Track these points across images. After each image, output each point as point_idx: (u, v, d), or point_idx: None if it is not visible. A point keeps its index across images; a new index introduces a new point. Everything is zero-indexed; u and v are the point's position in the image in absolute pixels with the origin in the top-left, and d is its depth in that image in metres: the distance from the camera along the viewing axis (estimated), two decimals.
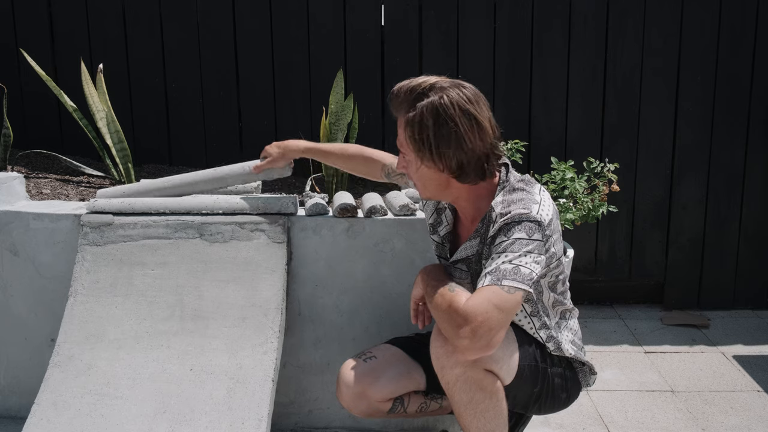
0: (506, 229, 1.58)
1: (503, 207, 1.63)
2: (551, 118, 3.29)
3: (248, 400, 1.91)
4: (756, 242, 3.39)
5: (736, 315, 3.39)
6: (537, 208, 1.61)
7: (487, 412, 1.66)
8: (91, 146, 3.00)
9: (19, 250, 2.23)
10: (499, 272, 1.53)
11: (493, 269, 1.55)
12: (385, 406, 1.88)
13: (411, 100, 1.59)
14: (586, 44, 3.24)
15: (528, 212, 1.58)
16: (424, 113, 1.56)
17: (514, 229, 1.57)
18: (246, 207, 2.18)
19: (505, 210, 1.62)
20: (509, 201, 1.64)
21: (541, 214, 1.60)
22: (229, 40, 3.26)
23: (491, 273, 1.54)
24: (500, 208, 1.63)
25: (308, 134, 3.27)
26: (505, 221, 1.59)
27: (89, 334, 2.04)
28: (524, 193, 1.65)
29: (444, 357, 1.62)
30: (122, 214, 2.18)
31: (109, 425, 1.87)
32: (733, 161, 3.33)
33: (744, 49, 3.24)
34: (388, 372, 1.87)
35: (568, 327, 1.85)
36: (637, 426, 2.42)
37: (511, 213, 1.59)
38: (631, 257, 3.42)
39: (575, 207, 2.56)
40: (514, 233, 1.57)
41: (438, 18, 3.22)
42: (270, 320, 2.04)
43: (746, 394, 2.64)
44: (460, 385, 1.63)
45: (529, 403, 1.81)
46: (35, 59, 2.93)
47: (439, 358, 1.63)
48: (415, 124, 1.58)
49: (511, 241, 1.56)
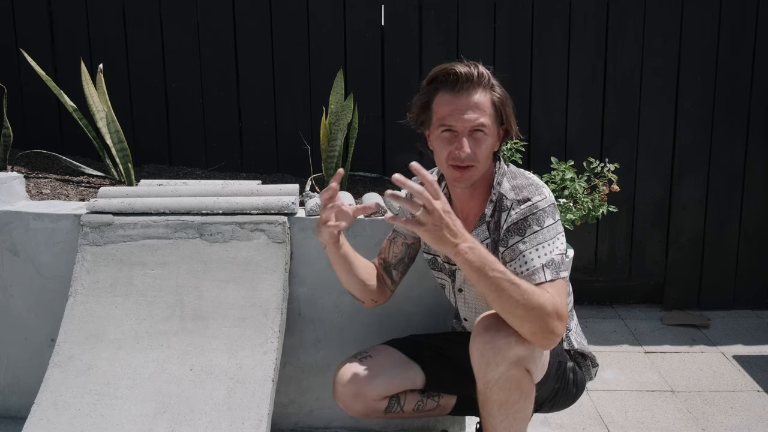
0: (534, 218, 1.66)
1: (516, 194, 1.70)
2: (551, 118, 3.29)
3: (248, 400, 1.91)
4: (756, 242, 3.39)
5: (736, 315, 3.39)
6: (546, 191, 1.71)
7: (518, 413, 1.65)
8: (91, 146, 3.00)
9: (19, 250, 2.23)
10: (554, 264, 1.62)
11: (548, 262, 1.62)
12: (381, 405, 1.88)
13: (487, 80, 1.70)
14: (586, 44, 3.24)
15: (545, 197, 1.68)
16: (502, 88, 1.73)
17: (543, 217, 1.66)
18: (246, 207, 2.18)
19: (521, 196, 1.69)
20: (519, 187, 1.71)
21: (551, 195, 1.71)
22: (229, 40, 3.25)
23: (549, 267, 1.62)
24: (513, 195, 1.70)
25: (308, 134, 3.27)
26: (530, 209, 1.67)
27: (89, 334, 2.04)
28: (525, 178, 1.74)
29: (491, 354, 1.58)
30: (122, 214, 2.18)
31: (109, 425, 1.87)
32: (733, 161, 3.33)
33: (744, 49, 3.24)
34: (384, 371, 1.87)
35: (572, 317, 1.88)
36: (637, 426, 2.42)
37: (533, 201, 1.67)
38: (631, 257, 3.42)
39: (575, 207, 2.56)
40: (545, 221, 1.66)
41: (438, 18, 3.22)
42: (270, 320, 2.04)
43: (746, 394, 2.64)
44: (502, 383, 1.60)
45: (546, 400, 1.82)
46: (35, 59, 2.93)
47: (484, 355, 1.59)
48: (502, 98, 1.72)
49: (547, 229, 1.65)
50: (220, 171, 3.28)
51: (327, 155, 2.65)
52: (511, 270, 1.61)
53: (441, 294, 2.20)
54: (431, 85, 1.71)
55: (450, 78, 1.67)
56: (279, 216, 2.16)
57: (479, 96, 1.67)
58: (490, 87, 1.69)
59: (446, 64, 1.71)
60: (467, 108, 1.66)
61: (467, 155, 1.66)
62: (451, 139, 1.68)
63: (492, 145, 1.71)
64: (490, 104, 1.68)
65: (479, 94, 1.67)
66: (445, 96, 1.68)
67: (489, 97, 1.69)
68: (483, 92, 1.68)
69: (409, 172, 1.49)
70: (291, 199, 2.19)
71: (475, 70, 1.67)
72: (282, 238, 2.14)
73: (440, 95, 1.69)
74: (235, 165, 3.33)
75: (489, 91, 1.69)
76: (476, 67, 1.68)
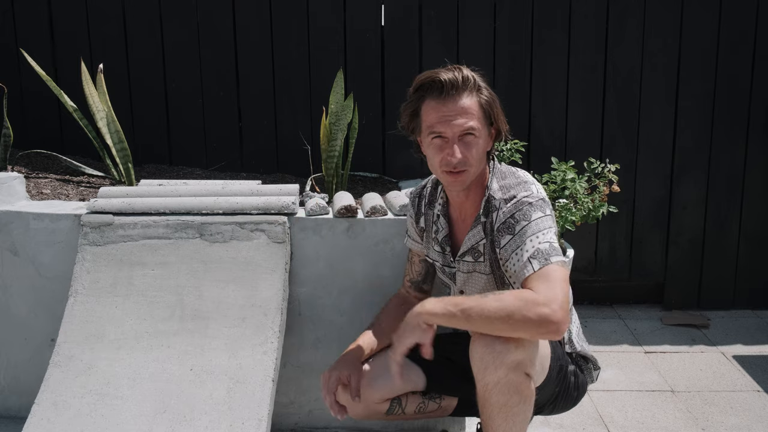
0: (521, 214, 1.66)
1: (503, 193, 1.71)
2: (551, 118, 3.29)
3: (248, 400, 1.91)
4: (756, 242, 3.39)
5: (736, 315, 3.39)
6: (534, 187, 1.71)
7: (517, 416, 1.64)
8: (91, 146, 3.00)
9: (19, 250, 2.23)
10: (541, 254, 1.60)
11: (534, 253, 1.60)
12: (382, 407, 1.88)
13: (473, 83, 1.69)
14: (586, 44, 3.24)
15: (531, 192, 1.69)
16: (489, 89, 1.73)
17: (530, 211, 1.66)
18: (246, 207, 2.18)
19: (507, 195, 1.70)
20: (506, 186, 1.72)
21: (541, 191, 1.72)
22: (229, 40, 3.25)
23: (535, 257, 1.60)
24: (500, 194, 1.71)
25: (308, 134, 3.27)
26: (516, 206, 1.67)
27: (89, 334, 2.04)
28: (514, 177, 1.75)
29: (490, 358, 1.58)
30: (122, 214, 2.18)
31: (109, 425, 1.87)
32: (733, 161, 3.33)
33: (744, 49, 3.24)
34: (385, 373, 1.86)
35: (573, 321, 1.88)
36: (637, 426, 2.42)
37: (518, 197, 1.67)
38: (631, 257, 3.42)
39: (575, 207, 2.56)
40: (531, 215, 1.65)
41: (438, 18, 3.22)
42: (270, 320, 2.04)
43: (746, 394, 2.64)
44: (501, 387, 1.60)
45: (546, 404, 1.82)
46: (35, 59, 2.93)
47: (483, 359, 1.59)
48: (490, 99, 1.72)
49: (534, 222, 1.65)
50: (220, 171, 3.28)
51: (327, 155, 2.65)
52: (510, 269, 1.65)
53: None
54: (417, 93, 1.72)
55: (435, 85, 1.67)
56: (279, 216, 2.16)
57: (466, 100, 1.67)
58: (476, 89, 1.69)
59: (430, 71, 1.71)
60: (455, 114, 1.66)
61: (459, 161, 1.67)
62: (442, 145, 1.69)
63: (483, 146, 1.71)
64: (478, 107, 1.69)
65: (466, 98, 1.67)
66: (431, 103, 1.69)
67: (476, 99, 1.69)
68: (469, 96, 1.68)
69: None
70: (291, 199, 2.19)
71: (459, 74, 1.67)
72: (282, 238, 2.14)
73: (427, 102, 1.70)
74: (235, 165, 3.33)
75: (476, 94, 1.69)
76: (460, 71, 1.68)
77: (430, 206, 1.90)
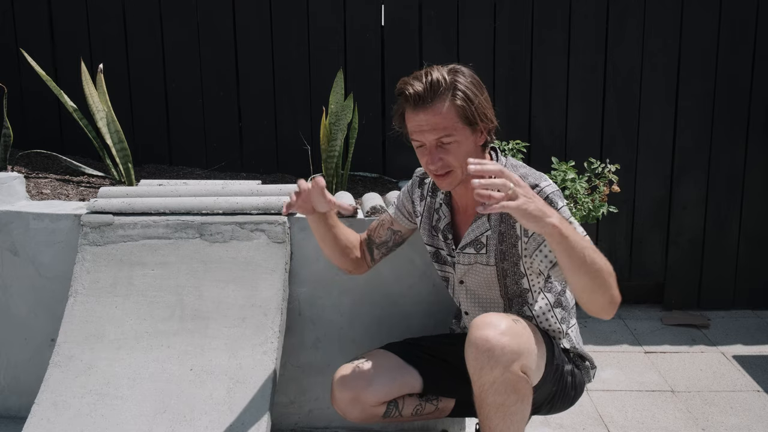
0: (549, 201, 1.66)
1: None
2: (551, 119, 3.29)
3: (248, 400, 1.91)
4: (756, 242, 3.39)
5: (736, 315, 3.39)
6: (547, 178, 1.72)
7: (515, 416, 1.64)
8: (91, 146, 3.00)
9: (19, 250, 2.23)
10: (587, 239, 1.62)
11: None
12: (379, 410, 1.88)
13: (446, 86, 1.64)
14: (586, 44, 3.24)
15: (550, 183, 1.70)
16: (468, 87, 1.66)
17: (555, 199, 1.67)
18: (246, 207, 2.18)
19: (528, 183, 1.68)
20: (524, 175, 1.72)
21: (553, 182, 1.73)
22: (229, 40, 3.25)
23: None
24: None
25: (308, 134, 3.27)
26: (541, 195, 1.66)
27: (89, 334, 2.04)
28: (526, 168, 1.76)
29: (485, 357, 1.58)
30: (122, 214, 2.18)
31: (109, 425, 1.87)
32: (733, 161, 3.33)
33: (744, 49, 3.24)
34: (382, 376, 1.86)
35: (570, 320, 1.89)
36: (637, 426, 2.42)
37: (541, 186, 1.68)
38: (631, 257, 3.42)
39: (576, 207, 2.56)
40: (557, 203, 1.67)
41: (438, 18, 3.22)
42: (270, 320, 2.04)
43: (746, 394, 2.64)
44: (497, 386, 1.59)
45: (543, 403, 1.82)
46: (35, 59, 2.93)
47: (478, 359, 1.59)
48: (466, 100, 1.65)
49: (561, 210, 1.66)
50: (220, 171, 3.28)
51: (327, 155, 2.65)
52: (541, 256, 1.69)
53: (440, 293, 2.21)
54: (399, 97, 1.71)
55: (408, 98, 1.66)
56: (279, 216, 2.16)
57: (438, 107, 1.64)
58: (450, 91, 1.64)
59: (403, 79, 1.69)
60: (427, 126, 1.65)
61: (438, 167, 1.68)
62: (423, 151, 1.70)
63: (468, 145, 1.68)
64: (453, 112, 1.65)
65: (439, 106, 1.64)
66: (409, 111, 1.69)
67: (449, 104, 1.64)
68: (442, 102, 1.64)
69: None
70: None
71: (428, 82, 1.64)
72: (282, 238, 2.14)
73: (406, 109, 1.70)
74: (235, 165, 3.33)
75: (449, 98, 1.64)
76: (430, 75, 1.64)
77: (433, 194, 1.90)
